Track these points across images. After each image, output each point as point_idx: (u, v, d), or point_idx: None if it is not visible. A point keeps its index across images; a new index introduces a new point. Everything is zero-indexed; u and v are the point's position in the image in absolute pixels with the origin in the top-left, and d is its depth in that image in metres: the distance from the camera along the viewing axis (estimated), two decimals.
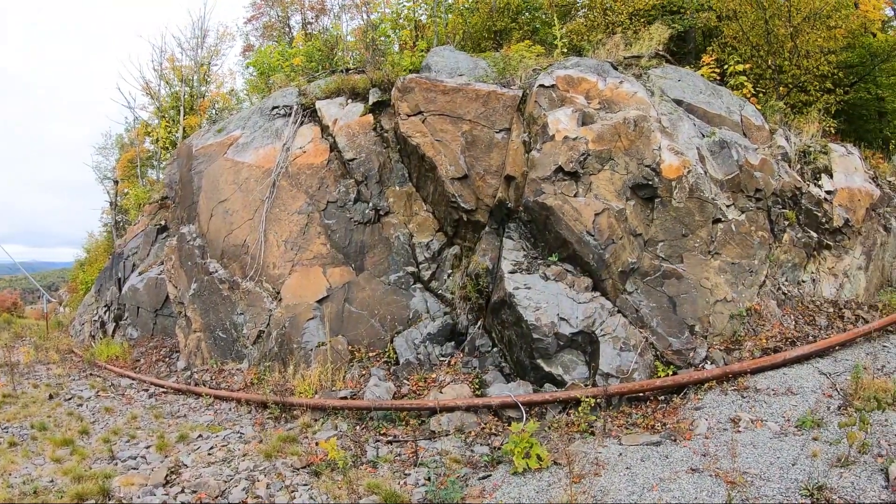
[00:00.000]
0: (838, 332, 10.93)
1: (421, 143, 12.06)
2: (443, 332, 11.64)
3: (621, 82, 11.94)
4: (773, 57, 17.29)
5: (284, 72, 18.36)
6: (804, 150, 13.09)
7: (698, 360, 10.00)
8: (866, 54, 21.91)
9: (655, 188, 10.67)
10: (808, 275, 12.25)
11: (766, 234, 11.48)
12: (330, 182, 13.16)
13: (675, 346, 10.03)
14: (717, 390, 9.19)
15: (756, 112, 13.14)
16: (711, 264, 10.73)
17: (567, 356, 9.74)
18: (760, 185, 11.49)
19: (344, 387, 10.93)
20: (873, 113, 22.28)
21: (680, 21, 19.96)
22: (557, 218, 10.33)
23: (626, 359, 9.60)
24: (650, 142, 10.92)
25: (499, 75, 13.06)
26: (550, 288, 10.08)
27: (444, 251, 12.50)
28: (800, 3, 17.05)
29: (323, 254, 12.67)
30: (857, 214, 12.88)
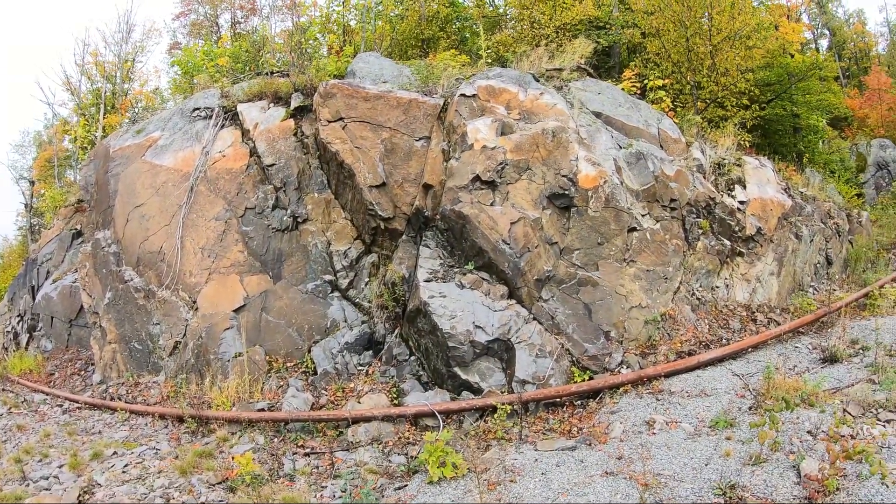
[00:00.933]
0: (751, 335, 11.37)
1: (340, 150, 11.89)
2: (361, 341, 11.46)
3: (542, 94, 12.04)
4: (693, 73, 17.83)
5: (209, 72, 17.85)
6: (719, 163, 13.52)
7: (614, 364, 10.16)
8: (784, 73, 22.94)
9: (572, 198, 10.77)
10: (722, 280, 12.64)
11: (680, 243, 11.76)
12: (249, 188, 12.85)
13: (591, 352, 10.15)
14: (632, 394, 9.37)
15: (673, 125, 13.49)
16: (627, 271, 10.91)
17: (484, 364, 9.71)
18: (675, 196, 11.76)
19: (262, 398, 10.64)
20: (789, 128, 23.30)
21: (605, 36, 20.39)
22: (473, 227, 10.30)
23: (542, 365, 9.65)
24: (568, 152, 11.02)
25: (422, 83, 13.05)
26: (466, 296, 10.03)
27: (361, 259, 12.34)
28: (720, 24, 17.64)
29: (240, 261, 12.34)
30: (770, 223, 13.35)
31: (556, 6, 20.01)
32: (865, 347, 10.12)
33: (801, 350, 10.72)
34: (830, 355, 9.94)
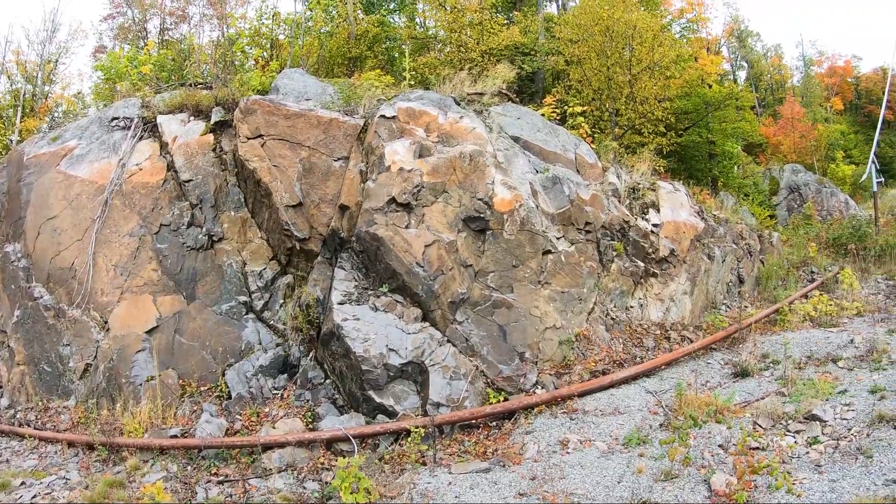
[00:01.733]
0: (664, 353, 11.61)
1: (258, 168, 11.66)
2: (275, 365, 11.21)
3: (461, 117, 12.13)
4: (612, 101, 18.36)
5: (132, 80, 17.17)
6: (634, 187, 13.88)
7: (529, 385, 10.23)
8: (701, 103, 23.89)
9: (487, 221, 10.85)
10: (636, 300, 12.94)
11: (595, 265, 11.99)
12: (164, 204, 12.42)
13: (506, 373, 10.19)
14: (546, 414, 9.41)
15: (590, 151, 13.81)
16: (541, 293, 11.04)
17: (398, 387, 9.64)
18: (590, 219, 12.00)
19: (175, 424, 10.21)
20: (705, 154, 24.23)
21: (530, 62, 20.80)
22: (388, 249, 10.25)
23: (456, 387, 9.64)
24: (484, 176, 11.12)
25: (344, 103, 12.97)
26: (380, 319, 9.95)
27: (277, 280, 12.11)
28: (641, 55, 18.23)
29: (154, 280, 11.90)
30: (683, 245, 13.74)
31: (483, 31, 20.34)
32: (775, 361, 10.50)
33: (713, 366, 11.06)
34: (742, 370, 10.28)
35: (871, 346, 10.44)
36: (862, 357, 10.19)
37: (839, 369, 9.82)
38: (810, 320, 13.64)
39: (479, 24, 20.69)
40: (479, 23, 20.68)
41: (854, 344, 10.89)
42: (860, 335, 11.33)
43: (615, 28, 18.98)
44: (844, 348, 10.80)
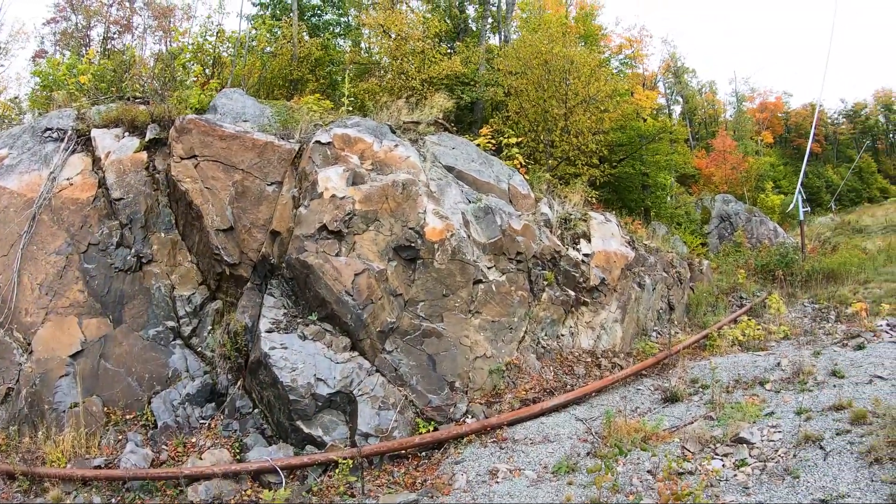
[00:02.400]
0: (595, 380, 11.69)
1: (190, 189, 11.42)
2: (203, 393, 10.91)
3: (396, 146, 12.17)
4: (547, 133, 18.72)
5: (69, 89, 16.64)
6: (566, 218, 14.13)
7: (459, 415, 10.23)
8: (635, 136, 24.62)
9: (418, 250, 10.89)
10: (567, 329, 13.07)
11: (525, 294, 12.11)
12: (94, 222, 11.98)
13: (436, 403, 10.18)
14: (476, 443, 9.38)
15: (524, 182, 13.99)
16: (472, 322, 11.09)
17: (327, 417, 9.54)
18: (522, 249, 12.15)
19: (99, 454, 9.81)
20: (638, 185, 24.91)
21: (469, 92, 21.06)
22: (317, 277, 10.17)
23: (385, 418, 9.59)
24: (416, 205, 11.17)
25: (281, 126, 12.82)
26: (308, 348, 9.85)
27: (206, 306, 11.84)
28: (577, 88, 18.68)
29: (80, 302, 11.46)
30: (613, 274, 13.99)
31: (425, 60, 20.53)
32: (704, 386, 10.61)
33: (643, 392, 11.16)
34: (671, 395, 10.37)
35: (798, 368, 10.67)
36: (788, 379, 10.41)
37: (766, 392, 10.02)
38: (739, 345, 13.93)
39: (422, 53, 20.90)
40: (421, 51, 20.88)
41: (781, 367, 11.11)
42: (787, 358, 11.56)
43: (553, 62, 19.48)
44: (771, 371, 11.02)
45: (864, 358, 11.07)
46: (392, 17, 20.78)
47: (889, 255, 24.49)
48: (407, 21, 21.88)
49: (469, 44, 24.94)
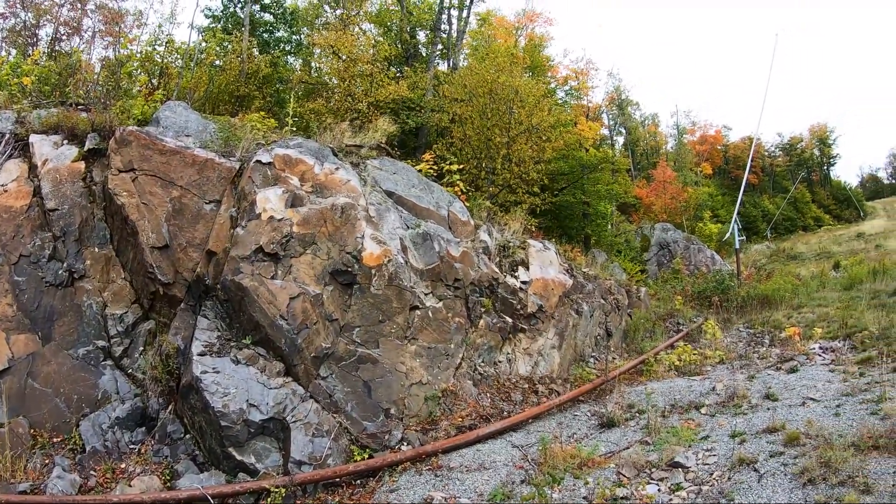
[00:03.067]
0: (532, 406, 11.72)
1: (127, 204, 11.13)
2: (133, 417, 10.59)
3: (337, 168, 12.14)
4: (489, 160, 18.95)
5: (12, 90, 15.98)
6: (505, 245, 14.29)
7: (394, 442, 10.17)
8: (577, 165, 25.14)
9: (355, 275, 10.86)
10: (505, 355, 13.14)
11: (463, 320, 12.16)
12: (27, 232, 11.46)
13: (371, 430, 10.11)
14: (412, 471, 9.30)
15: (464, 209, 14.13)
16: (408, 349, 11.08)
17: (260, 444, 9.37)
18: (460, 276, 12.21)
19: (25, 478, 9.39)
20: (579, 213, 25.38)
21: (415, 117, 21.19)
22: (252, 300, 10.04)
23: (318, 445, 9.46)
24: (355, 229, 11.16)
25: (223, 143, 12.59)
26: (241, 372, 9.69)
27: (138, 325, 11.53)
28: (520, 118, 19.00)
29: (8, 316, 10.95)
30: (551, 301, 14.16)
31: (373, 83, 20.60)
32: (641, 411, 10.73)
33: (580, 417, 11.25)
34: (608, 420, 10.47)
35: (732, 391, 10.90)
36: (723, 403, 10.61)
37: (702, 416, 10.19)
38: (675, 370, 14.17)
39: (370, 76, 20.98)
40: (369, 74, 20.97)
41: (716, 391, 11.35)
42: (722, 382, 11.81)
43: (498, 91, 19.82)
44: (707, 395, 11.24)
45: (798, 381, 11.43)
46: (343, 39, 20.81)
47: (822, 281, 25.38)
48: (357, 43, 21.94)
49: (417, 69, 25.17)
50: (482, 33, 34.42)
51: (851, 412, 8.94)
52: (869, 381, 10.56)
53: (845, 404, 9.42)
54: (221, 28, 23.94)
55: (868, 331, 14.38)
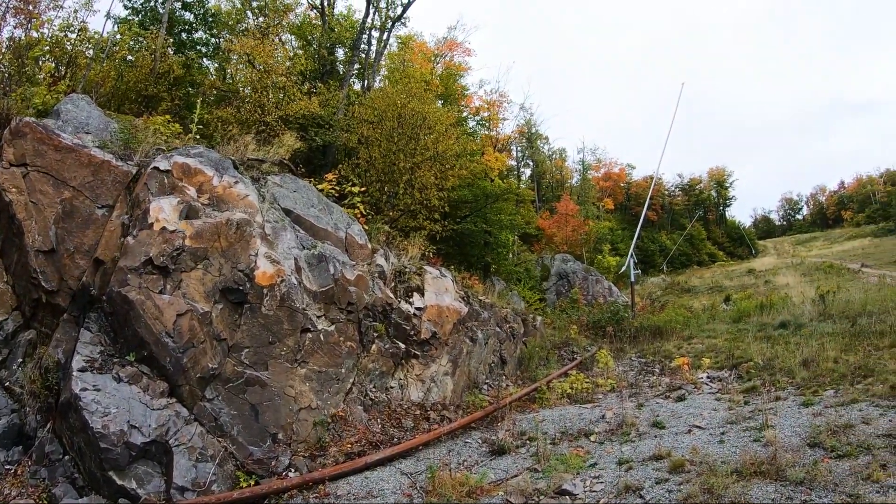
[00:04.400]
0: (423, 433, 11.69)
1: (15, 201, 10.47)
2: (9, 434, 9.78)
3: (236, 182, 11.92)
4: (392, 185, 19.04)
5: None
6: (401, 270, 14.36)
7: (281, 468, 9.92)
8: (482, 194, 25.60)
9: (246, 294, 10.64)
10: (397, 381, 13.13)
11: (354, 345, 12.12)
12: None
13: (257, 455, 9.85)
14: (298, 498, 9.17)
15: (362, 231, 14.11)
16: (297, 372, 10.92)
17: (142, 468, 8.93)
18: (353, 299, 12.20)
19: None
20: (480, 242, 25.80)
21: (323, 135, 21.04)
22: (138, 314, 9.64)
23: (202, 470, 9.13)
24: (249, 247, 10.97)
25: (123, 145, 12.08)
26: (123, 391, 9.26)
27: (18, 335, 10.72)
28: (427, 144, 19.21)
29: None
30: (445, 328, 14.30)
31: (285, 96, 20.35)
32: (532, 438, 10.83)
33: (471, 445, 11.30)
34: (499, 448, 10.54)
35: (622, 419, 11.28)
36: (612, 430, 10.93)
37: (591, 443, 10.42)
38: (568, 397, 14.53)
39: (283, 89, 20.71)
40: (282, 87, 20.70)
41: (605, 419, 11.67)
42: (611, 410, 12.18)
43: (407, 116, 20.00)
44: (597, 423, 11.53)
45: (685, 409, 11.92)
46: (260, 48, 20.46)
47: (712, 314, 26.78)
48: (274, 54, 21.62)
49: (332, 86, 25.06)
50: (401, 56, 34.66)
51: (735, 439, 9.40)
52: (753, 409, 11.14)
53: (729, 432, 9.89)
54: (139, 22, 23.00)
55: (753, 361, 15.18)
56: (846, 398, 10.78)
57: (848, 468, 7.44)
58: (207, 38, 25.90)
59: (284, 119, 19.79)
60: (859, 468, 7.35)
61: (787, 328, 18.92)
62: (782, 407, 10.97)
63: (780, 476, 7.44)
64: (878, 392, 10.78)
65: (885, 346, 14.04)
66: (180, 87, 21.54)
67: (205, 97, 20.75)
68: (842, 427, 8.98)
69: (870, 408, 9.99)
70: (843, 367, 12.99)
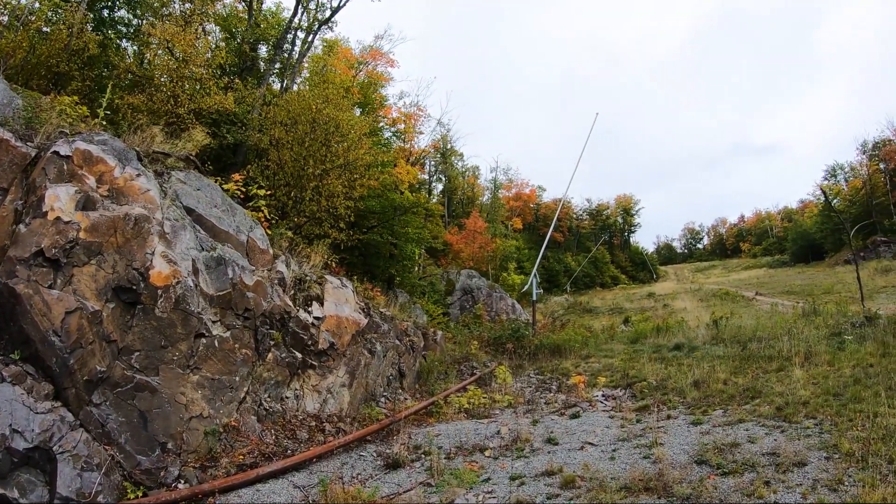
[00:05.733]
0: (318, 445, 11.52)
1: None
2: None
3: (139, 175, 11.42)
4: (299, 190, 18.83)
5: None
6: (301, 278, 14.16)
7: (170, 479, 9.53)
8: (390, 206, 25.70)
9: (140, 294, 10.19)
10: (292, 391, 12.90)
11: (250, 353, 11.83)
12: None
13: (146, 465, 9.40)
14: None
15: (264, 236, 13.81)
16: (190, 379, 10.54)
17: (24, 476, 8.28)
18: (251, 306, 11.92)
19: None
20: (386, 254, 25.89)
21: (235, 133, 20.59)
22: (25, 310, 9.04)
23: (88, 480, 8.60)
24: (146, 244, 10.53)
25: (25, 124, 11.35)
26: (6, 392, 8.58)
27: None
28: (338, 152, 19.13)
29: None
30: (343, 339, 14.22)
31: (201, 89, 19.77)
32: (427, 452, 10.91)
33: (366, 458, 11.22)
34: (394, 461, 10.51)
35: (516, 435, 11.47)
36: (507, 446, 11.09)
37: (486, 458, 10.55)
38: (465, 412, 14.72)
39: (199, 81, 20.11)
40: (199, 78, 20.10)
41: (501, 434, 11.87)
42: (507, 426, 12.42)
43: (321, 122, 19.84)
44: (492, 438, 11.71)
45: (579, 426, 12.28)
46: (181, 36, 19.70)
47: (611, 334, 27.79)
48: (195, 44, 20.91)
49: (249, 83, 24.53)
50: (324, 60, 34.35)
51: (626, 456, 9.77)
52: (644, 427, 11.59)
53: (621, 449, 10.27)
54: None
55: (647, 381, 15.85)
56: (734, 418, 11.37)
57: (733, 485, 7.84)
58: (129, 19, 24.81)
59: (197, 113, 19.22)
60: (744, 485, 7.77)
61: (682, 350, 19.85)
62: (673, 425, 11.47)
63: (668, 492, 7.77)
64: (765, 413, 11.44)
65: (773, 370, 14.94)
66: (94, 67, 20.52)
67: (118, 81, 19.86)
68: (728, 445, 9.49)
69: (756, 427, 10.57)
70: (732, 388, 13.74)
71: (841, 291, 39.73)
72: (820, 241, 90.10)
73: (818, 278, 57.46)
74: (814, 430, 9.96)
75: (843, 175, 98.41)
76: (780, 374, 14.52)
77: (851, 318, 20.78)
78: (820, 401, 11.60)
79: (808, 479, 7.79)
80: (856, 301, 28.98)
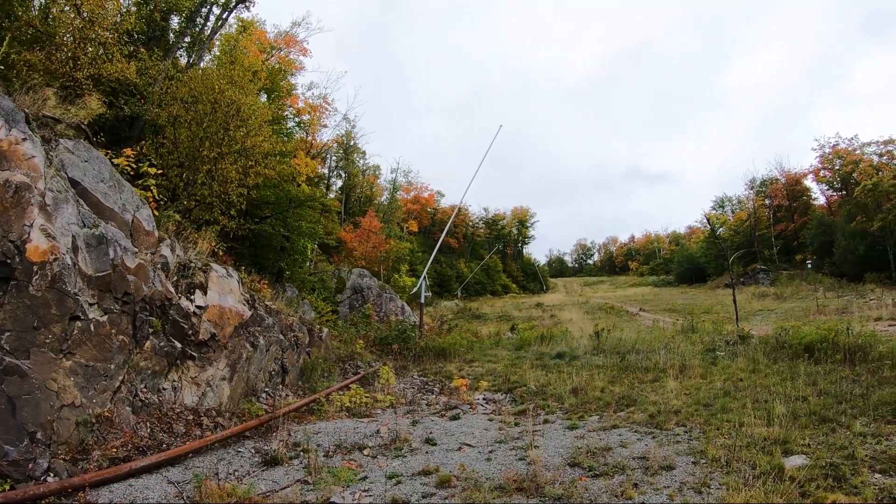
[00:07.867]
0: (195, 440, 11.15)
1: None
2: None
3: (25, 139, 10.43)
4: (192, 172, 18.19)
5: None
6: (186, 265, 13.60)
7: (40, 472, 8.77)
8: (285, 198, 25.27)
9: (14, 269, 9.30)
10: (170, 383, 12.37)
11: (127, 339, 11.18)
12: None
13: (13, 456, 8.58)
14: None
15: (150, 217, 13.13)
16: (62, 364, 9.73)
17: None
18: (131, 290, 11.28)
19: None
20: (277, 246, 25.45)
21: (133, 105, 19.63)
22: None
23: None
24: (24, 215, 9.64)
25: None
26: None
27: None
28: (236, 136, 18.59)
29: None
30: (226, 331, 13.80)
31: (104, 53, 18.69)
32: (306, 450, 10.71)
33: (244, 454, 10.97)
34: (272, 458, 10.30)
35: (396, 435, 11.55)
36: (386, 445, 11.14)
37: (364, 457, 10.53)
38: (346, 411, 14.69)
39: (103, 45, 18.94)
40: (103, 42, 18.93)
41: (380, 433, 11.90)
42: (387, 425, 12.46)
43: (222, 104, 19.23)
44: (372, 437, 11.73)
45: (458, 427, 12.51)
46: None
47: (497, 341, 28.48)
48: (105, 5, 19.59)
49: (155, 54, 23.32)
50: (236, 39, 33.29)
51: (502, 457, 10.02)
52: (521, 430, 11.94)
53: (497, 450, 10.53)
54: None
55: (528, 387, 16.35)
56: (608, 424, 11.90)
57: (603, 486, 8.19)
58: None
59: (96, 79, 18.10)
60: (613, 487, 8.12)
61: (563, 358, 20.72)
62: (549, 429, 11.87)
63: (540, 492, 8.03)
64: (638, 419, 12.06)
65: (648, 381, 15.79)
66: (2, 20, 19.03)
67: (19, 34, 18.45)
68: (601, 449, 9.92)
69: (629, 433, 11.11)
70: (608, 396, 14.40)
71: (719, 312, 42.42)
72: (704, 265, 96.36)
73: (699, 299, 61.24)
74: (683, 437, 10.59)
75: (730, 206, 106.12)
76: (655, 384, 15.39)
77: (726, 337, 22.40)
78: (691, 410, 12.38)
79: (675, 481, 8.25)
80: (732, 321, 31.13)
